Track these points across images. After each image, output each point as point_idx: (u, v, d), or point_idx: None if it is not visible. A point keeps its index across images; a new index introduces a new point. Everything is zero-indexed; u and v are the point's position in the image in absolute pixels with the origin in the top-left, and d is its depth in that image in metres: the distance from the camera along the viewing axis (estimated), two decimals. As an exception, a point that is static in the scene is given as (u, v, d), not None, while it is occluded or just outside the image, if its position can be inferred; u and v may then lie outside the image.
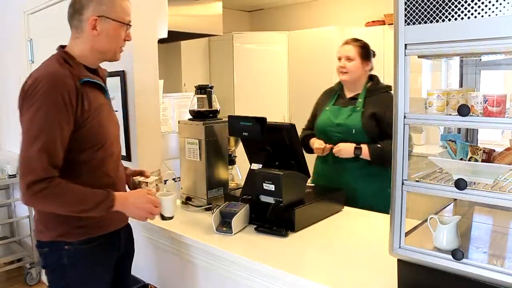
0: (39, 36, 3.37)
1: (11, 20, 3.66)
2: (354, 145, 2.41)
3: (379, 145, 2.39)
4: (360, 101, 2.47)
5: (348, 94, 2.58)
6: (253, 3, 6.05)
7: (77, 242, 1.60)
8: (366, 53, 2.51)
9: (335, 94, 2.64)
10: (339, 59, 2.54)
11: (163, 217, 1.97)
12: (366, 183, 2.44)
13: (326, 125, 2.55)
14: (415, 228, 1.43)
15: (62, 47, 1.67)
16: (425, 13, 1.17)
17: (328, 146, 2.46)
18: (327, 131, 2.55)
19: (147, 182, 1.85)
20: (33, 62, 3.41)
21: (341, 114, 2.51)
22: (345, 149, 2.42)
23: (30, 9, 3.35)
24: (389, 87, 2.52)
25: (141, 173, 1.91)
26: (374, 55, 2.58)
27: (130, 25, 1.69)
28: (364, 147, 2.39)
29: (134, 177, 1.89)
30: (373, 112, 2.41)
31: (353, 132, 2.43)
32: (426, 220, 1.37)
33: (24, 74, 3.42)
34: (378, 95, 2.48)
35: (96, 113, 1.59)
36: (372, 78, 2.57)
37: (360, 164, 2.44)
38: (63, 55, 1.62)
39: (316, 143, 2.53)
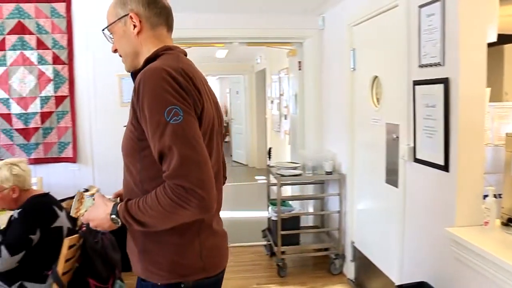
0: (360, 46, 3.61)
1: (338, 32, 4.04)
2: None
3: None
4: None
5: None
6: None
7: None
8: None
9: None
10: None
11: None
12: None
13: None
14: None
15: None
16: None
17: None
18: None
19: None
20: (354, 69, 3.69)
21: None
22: None
23: (354, 22, 3.63)
24: None
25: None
26: None
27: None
28: None
29: None
30: None
31: None
32: None
33: (347, 81, 3.77)
34: None
35: None
36: None
37: None
38: None
39: None
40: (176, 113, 1.25)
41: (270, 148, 4.85)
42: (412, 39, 2.62)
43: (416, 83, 2.55)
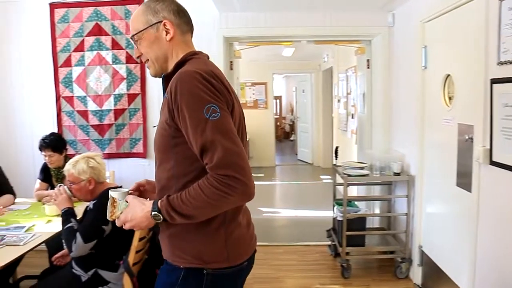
0: (432, 43, 3.47)
1: (408, 29, 3.91)
2: None
3: None
4: None
5: None
6: None
7: None
8: None
9: None
10: None
11: None
12: None
13: None
14: None
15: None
16: None
17: None
18: None
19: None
20: (425, 68, 3.55)
21: None
22: None
23: (426, 18, 3.49)
24: None
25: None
26: None
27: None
28: None
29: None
30: None
31: None
32: None
33: (417, 80, 3.64)
34: None
35: None
36: None
37: None
38: None
39: None
40: (214, 110, 1.36)
41: (337, 147, 4.77)
42: (490, 35, 2.47)
43: (494, 81, 2.41)
